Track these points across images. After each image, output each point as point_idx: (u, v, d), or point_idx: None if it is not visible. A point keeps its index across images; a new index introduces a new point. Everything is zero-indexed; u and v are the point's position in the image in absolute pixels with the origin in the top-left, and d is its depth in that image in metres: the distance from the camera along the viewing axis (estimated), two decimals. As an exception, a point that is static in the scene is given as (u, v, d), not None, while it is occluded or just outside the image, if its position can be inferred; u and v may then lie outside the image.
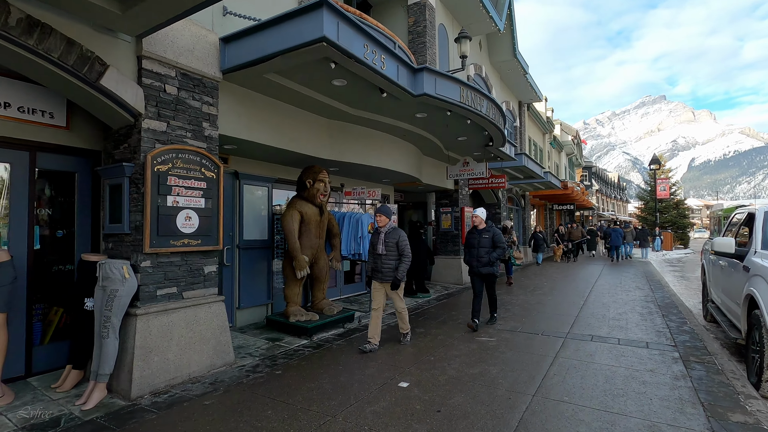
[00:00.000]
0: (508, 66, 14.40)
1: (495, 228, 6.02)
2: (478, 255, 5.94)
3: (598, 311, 7.23)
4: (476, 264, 5.97)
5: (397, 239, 4.89)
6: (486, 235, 5.95)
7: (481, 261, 5.92)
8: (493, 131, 7.22)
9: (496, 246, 5.90)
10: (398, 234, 4.93)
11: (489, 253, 5.90)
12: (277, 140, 5.42)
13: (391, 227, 4.99)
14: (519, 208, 18.08)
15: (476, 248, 5.95)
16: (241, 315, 6.02)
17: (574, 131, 33.22)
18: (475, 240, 6.01)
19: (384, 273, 4.93)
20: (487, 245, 5.92)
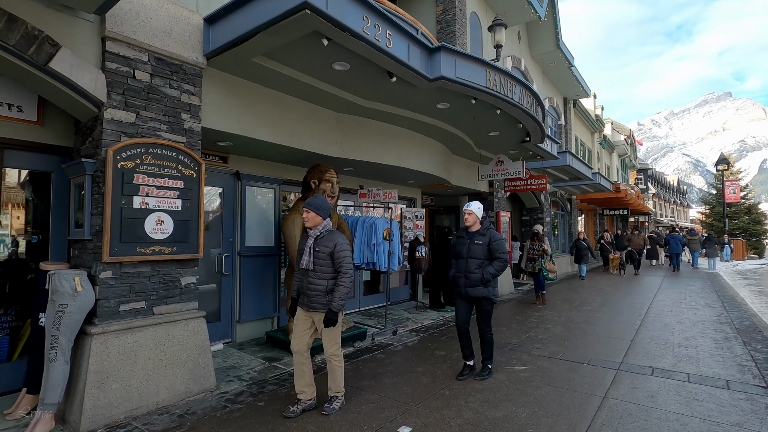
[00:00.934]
0: (550, 58, 13.23)
1: (494, 231, 4.23)
2: (466, 269, 4.10)
3: (660, 334, 6.06)
4: (464, 282, 4.12)
5: (333, 248, 3.30)
6: (479, 241, 4.12)
7: (471, 278, 4.07)
8: (529, 124, 6.30)
9: (495, 257, 4.09)
10: (334, 240, 3.34)
11: (483, 267, 4.08)
12: (277, 136, 4.85)
13: (325, 229, 3.42)
14: (564, 213, 16.65)
15: (464, 259, 4.14)
16: (242, 329, 5.48)
17: (628, 130, 30.79)
18: (463, 247, 4.19)
19: (311, 297, 3.32)
20: (481, 255, 4.10)
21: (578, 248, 13.04)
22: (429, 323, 6.85)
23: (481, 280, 4.07)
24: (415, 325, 6.67)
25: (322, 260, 3.32)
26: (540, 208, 13.26)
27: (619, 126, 30.09)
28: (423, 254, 7.68)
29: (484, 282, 4.08)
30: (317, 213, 3.39)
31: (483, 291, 4.11)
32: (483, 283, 4.08)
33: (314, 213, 3.38)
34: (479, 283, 4.10)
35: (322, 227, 3.41)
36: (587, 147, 20.58)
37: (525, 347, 5.40)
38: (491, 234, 4.19)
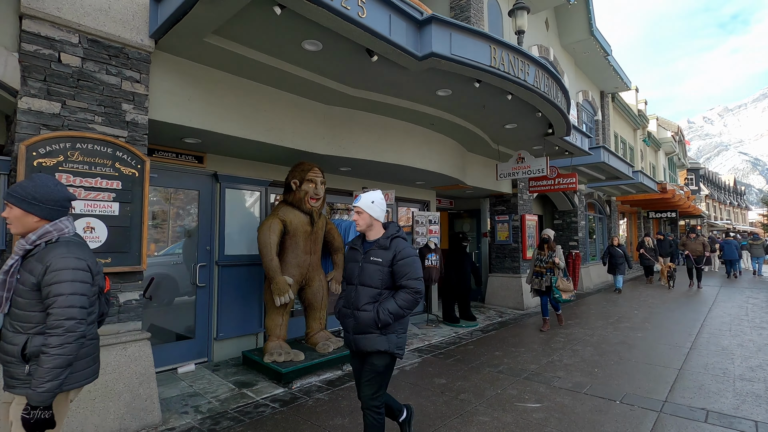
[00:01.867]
0: (583, 47, 12.09)
1: (402, 241, 2.58)
2: (355, 300, 2.54)
3: (716, 362, 4.99)
4: (351, 325, 2.55)
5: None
6: (377, 258, 2.52)
7: (360, 319, 2.48)
8: (549, 112, 5.43)
9: (400, 285, 2.48)
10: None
11: (379, 302, 2.48)
12: (251, 131, 4.29)
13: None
14: (603, 216, 15.27)
15: (355, 285, 2.58)
16: (220, 348, 4.93)
17: (675, 127, 28.47)
18: (354, 266, 2.63)
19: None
20: (377, 281, 2.50)
21: (612, 256, 11.18)
22: (437, 341, 6.07)
23: (375, 322, 2.42)
24: (421, 344, 5.91)
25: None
26: (573, 210, 12.10)
27: (665, 122, 27.88)
28: (433, 262, 6.91)
29: (380, 326, 2.44)
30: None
31: (377, 342, 2.45)
32: (378, 327, 2.44)
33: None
34: (372, 328, 2.44)
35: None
36: (629, 144, 18.98)
37: (544, 376, 4.52)
38: (397, 246, 2.51)
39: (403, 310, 2.45)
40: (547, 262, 6.56)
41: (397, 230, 2.62)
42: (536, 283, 6.67)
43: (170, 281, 4.75)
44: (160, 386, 4.10)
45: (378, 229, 2.63)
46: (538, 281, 6.65)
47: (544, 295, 6.68)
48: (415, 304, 2.48)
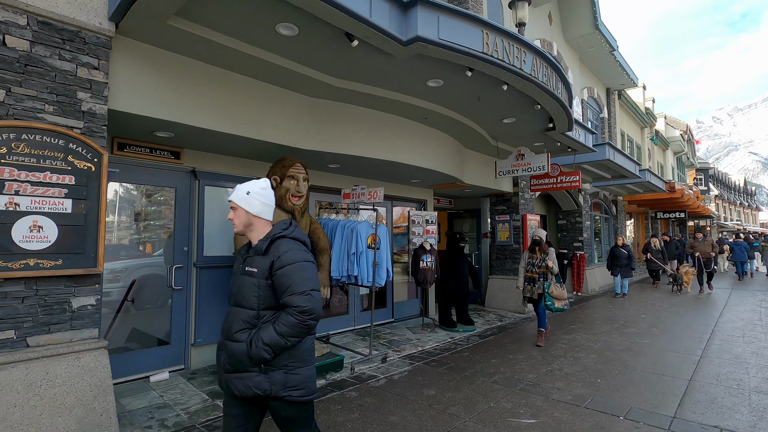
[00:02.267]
0: (588, 42, 11.72)
1: (288, 242, 1.92)
2: (227, 327, 1.93)
3: (729, 372, 4.63)
4: (223, 357, 1.92)
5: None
6: (252, 268, 1.90)
7: (230, 349, 1.85)
8: (549, 105, 5.10)
9: (283, 303, 1.83)
10: None
11: (258, 329, 1.84)
12: (227, 124, 4.02)
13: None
14: (609, 216, 14.86)
15: (233, 305, 1.97)
16: (198, 354, 4.66)
17: (684, 125, 27.90)
18: (236, 280, 2.00)
19: None
20: (252, 299, 1.87)
21: (615, 257, 10.39)
22: (432, 347, 5.76)
23: (248, 357, 1.80)
24: (414, 350, 5.61)
25: None
26: (578, 210, 11.72)
27: (673, 121, 27.34)
28: (429, 264, 6.61)
29: (255, 362, 1.80)
30: None
31: (255, 382, 1.83)
32: (256, 362, 1.81)
33: None
34: (247, 364, 1.82)
35: None
36: (636, 143, 18.53)
37: (542, 387, 4.20)
38: (278, 249, 1.87)
39: (285, 339, 1.77)
40: (540, 266, 5.84)
41: (283, 229, 1.95)
42: (528, 291, 5.95)
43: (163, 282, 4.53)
44: (129, 397, 3.84)
45: (262, 230, 2.00)
46: (530, 288, 5.92)
47: (537, 304, 5.92)
48: (304, 329, 1.80)
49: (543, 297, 5.75)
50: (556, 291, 5.73)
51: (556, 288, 5.76)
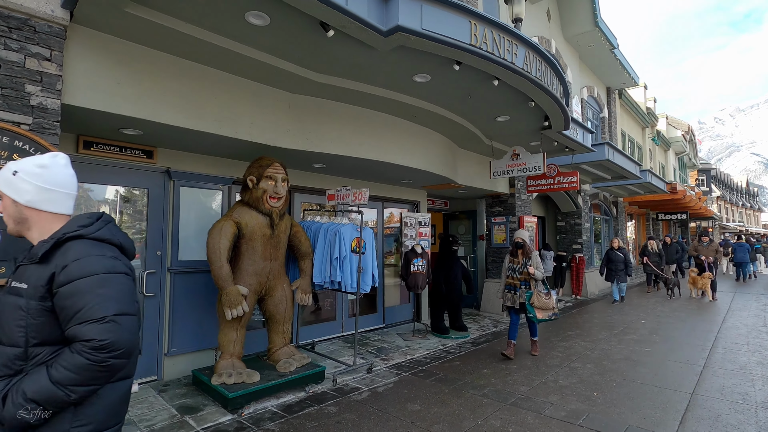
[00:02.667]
0: (588, 39, 11.46)
1: (82, 247, 1.27)
2: None
3: (734, 384, 4.37)
4: None
5: None
6: (20, 283, 1.26)
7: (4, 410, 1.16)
8: (544, 102, 4.85)
9: (71, 335, 1.20)
10: None
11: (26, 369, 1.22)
12: (199, 121, 3.78)
13: None
14: (609, 218, 14.58)
15: None
16: (173, 364, 4.42)
17: (686, 126, 27.61)
18: None
19: None
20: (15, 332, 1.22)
21: (610, 261, 9.76)
22: (421, 355, 5.51)
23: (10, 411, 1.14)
24: (403, 358, 5.35)
25: None
26: (577, 212, 11.46)
27: (675, 121, 27.05)
28: (420, 268, 6.35)
29: (11, 426, 1.16)
30: None
31: None
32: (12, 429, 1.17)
33: None
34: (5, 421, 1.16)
35: None
36: (637, 143, 18.25)
37: (535, 401, 3.94)
38: (66, 256, 1.25)
39: (66, 391, 1.16)
40: (521, 272, 5.25)
41: (81, 225, 1.31)
42: (508, 299, 5.35)
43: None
44: (91, 412, 3.59)
45: (46, 228, 1.36)
46: (511, 296, 5.32)
47: (518, 314, 5.38)
48: (101, 374, 1.18)
49: (524, 307, 5.12)
50: (538, 301, 5.07)
51: (539, 297, 5.10)
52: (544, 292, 5.18)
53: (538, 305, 5.08)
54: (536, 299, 5.09)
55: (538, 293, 5.13)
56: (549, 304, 5.12)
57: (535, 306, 5.07)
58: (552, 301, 5.16)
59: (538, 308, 5.09)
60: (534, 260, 5.28)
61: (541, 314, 5.10)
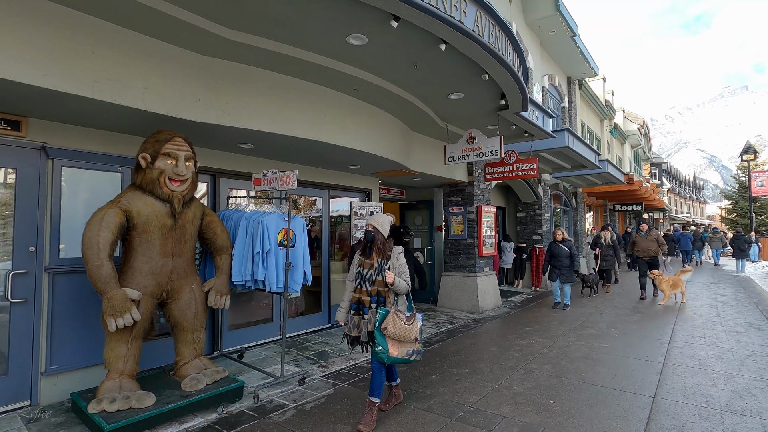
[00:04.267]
0: (549, 25, 11.15)
1: None
2: None
3: (696, 384, 4.05)
4: None
5: None
6: None
7: None
8: (498, 74, 4.32)
9: None
10: None
11: None
12: (67, 81, 2.97)
13: None
14: (569, 209, 14.55)
15: None
16: (53, 385, 3.60)
17: (641, 120, 28.43)
18: None
19: None
20: None
21: (552, 256, 7.83)
22: (366, 359, 4.92)
23: None
24: (344, 364, 4.75)
25: None
26: (538, 202, 11.22)
27: (631, 115, 27.80)
28: (368, 263, 5.73)
29: None
30: None
31: None
32: None
33: None
34: None
35: None
36: (596, 135, 18.41)
37: (485, 414, 3.44)
38: None
39: None
40: (374, 280, 3.27)
41: None
42: (353, 325, 3.36)
43: None
44: None
45: None
46: (357, 320, 3.34)
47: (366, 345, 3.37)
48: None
49: (373, 338, 3.17)
50: (394, 326, 3.08)
51: (397, 321, 3.10)
52: (406, 315, 3.22)
53: (393, 333, 3.08)
54: (392, 323, 3.10)
55: (396, 314, 3.13)
56: (410, 333, 3.12)
57: (388, 334, 3.09)
58: (415, 329, 3.17)
59: (393, 339, 3.10)
60: (394, 262, 3.33)
61: (396, 350, 3.11)
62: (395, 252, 3.42)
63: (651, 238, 9.04)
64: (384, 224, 3.44)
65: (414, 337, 3.19)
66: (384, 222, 3.45)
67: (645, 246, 9.08)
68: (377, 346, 3.12)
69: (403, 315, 3.21)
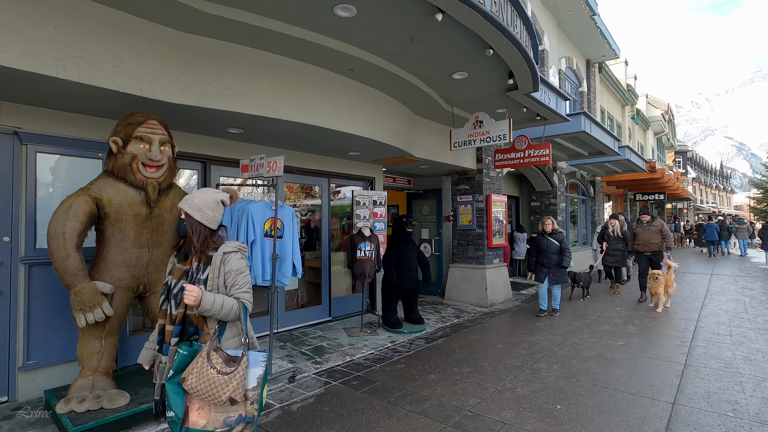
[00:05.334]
0: (566, 3, 10.53)
1: None
2: None
3: (721, 388, 3.67)
4: None
5: None
6: None
7: None
8: (504, 48, 3.94)
9: None
10: None
11: None
12: (24, 57, 2.74)
13: None
14: (586, 198, 13.98)
15: None
16: (31, 380, 3.46)
17: (665, 105, 27.23)
18: None
19: None
20: None
21: (539, 251, 6.54)
22: (363, 356, 4.69)
23: None
24: (340, 360, 4.52)
25: None
26: (552, 191, 10.75)
27: (655, 100, 26.63)
28: (367, 254, 5.49)
29: None
30: None
31: None
32: None
33: None
34: None
35: None
36: (616, 121, 17.65)
37: (484, 420, 3.15)
38: None
39: None
40: (182, 298, 1.89)
41: None
42: (159, 371, 2.03)
43: None
44: None
45: None
46: (162, 368, 2.00)
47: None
48: None
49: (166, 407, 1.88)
50: (198, 377, 1.80)
51: (205, 368, 1.80)
52: (228, 355, 1.87)
53: (194, 387, 1.81)
54: (196, 372, 1.81)
55: (209, 357, 1.83)
56: (221, 389, 1.79)
57: (188, 386, 1.82)
58: (234, 382, 1.81)
59: (197, 396, 1.84)
60: (216, 268, 1.96)
61: (203, 417, 1.84)
62: (220, 253, 1.96)
63: (653, 229, 7.58)
64: (204, 207, 1.98)
65: (229, 397, 1.79)
66: (205, 203, 1.99)
67: (646, 238, 7.62)
68: (168, 410, 1.85)
69: (221, 358, 1.82)
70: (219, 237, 2.08)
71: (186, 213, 1.99)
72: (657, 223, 7.63)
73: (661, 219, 7.65)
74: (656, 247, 7.52)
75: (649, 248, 7.58)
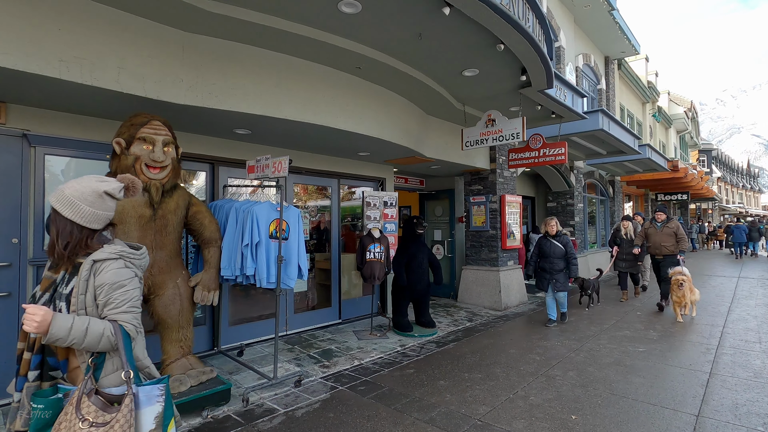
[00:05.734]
0: (583, -1, 10.28)
1: None
2: None
3: (750, 399, 3.45)
4: None
5: None
6: None
7: None
8: (516, 44, 3.80)
9: None
10: None
11: None
12: (30, 59, 2.75)
13: None
14: (605, 198, 13.60)
15: None
16: (38, 381, 3.48)
17: (688, 103, 26.38)
18: None
19: None
20: None
21: (542, 255, 5.96)
22: (372, 360, 4.60)
23: None
24: (348, 365, 4.44)
25: None
26: (570, 191, 10.47)
27: (677, 98, 25.83)
28: (377, 255, 5.40)
29: None
30: None
31: None
32: None
33: None
34: None
35: None
36: (636, 119, 17.16)
37: (493, 430, 3.02)
38: None
39: None
40: None
41: None
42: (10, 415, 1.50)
43: None
44: None
45: None
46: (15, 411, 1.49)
47: None
48: None
49: None
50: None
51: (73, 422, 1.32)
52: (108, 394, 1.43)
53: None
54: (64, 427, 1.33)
55: (78, 405, 1.36)
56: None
57: None
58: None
59: None
60: (83, 280, 1.47)
61: None
62: (89, 261, 1.51)
63: (668, 231, 6.89)
64: (79, 200, 1.52)
65: None
66: (81, 195, 1.53)
67: (658, 240, 6.93)
68: None
69: (96, 405, 1.38)
70: (102, 239, 1.57)
71: (56, 211, 1.52)
72: (672, 225, 6.94)
73: (676, 221, 7.01)
74: (668, 251, 6.88)
75: (660, 252, 6.96)
